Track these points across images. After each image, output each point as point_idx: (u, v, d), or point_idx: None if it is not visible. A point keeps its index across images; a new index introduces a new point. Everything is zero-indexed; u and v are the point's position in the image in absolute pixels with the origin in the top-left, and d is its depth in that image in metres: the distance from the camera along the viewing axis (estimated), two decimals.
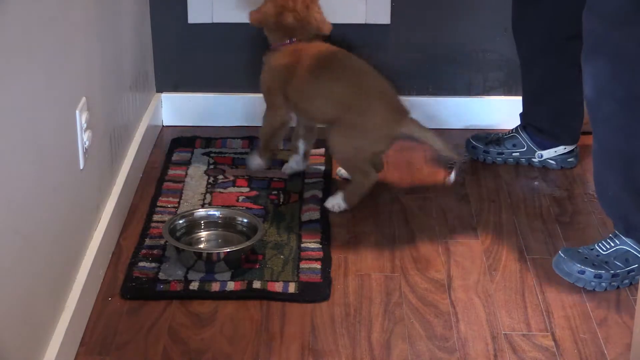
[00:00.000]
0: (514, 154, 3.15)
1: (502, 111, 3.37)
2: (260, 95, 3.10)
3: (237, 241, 2.66)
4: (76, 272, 2.38)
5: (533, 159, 3.14)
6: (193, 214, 2.74)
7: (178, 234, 2.68)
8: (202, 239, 2.72)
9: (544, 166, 3.14)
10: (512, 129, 3.18)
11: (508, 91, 3.38)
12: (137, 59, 3.12)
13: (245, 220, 2.72)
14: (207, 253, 2.59)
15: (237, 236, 2.70)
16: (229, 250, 2.58)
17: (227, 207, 2.84)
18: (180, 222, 2.70)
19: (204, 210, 2.77)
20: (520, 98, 3.27)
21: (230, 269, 2.58)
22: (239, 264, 2.59)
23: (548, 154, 3.13)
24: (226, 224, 2.74)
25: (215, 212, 2.75)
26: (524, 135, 3.14)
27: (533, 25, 3.00)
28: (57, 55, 2.23)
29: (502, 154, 3.16)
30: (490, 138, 3.18)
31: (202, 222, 2.74)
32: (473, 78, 3.38)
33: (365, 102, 2.81)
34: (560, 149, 3.13)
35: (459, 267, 2.64)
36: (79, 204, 2.42)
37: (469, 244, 2.74)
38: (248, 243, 2.60)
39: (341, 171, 3.05)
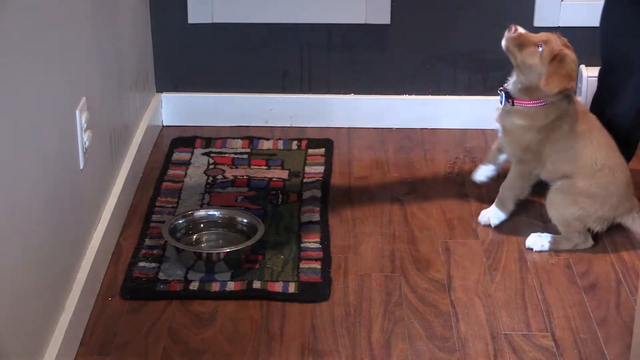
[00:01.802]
0: None
1: None
2: (259, 95, 3.10)
3: (237, 241, 2.66)
4: (76, 272, 2.38)
5: None
6: (193, 214, 2.74)
7: (178, 234, 2.68)
8: (202, 239, 2.72)
9: None
10: None
11: None
12: (137, 59, 3.12)
13: (245, 220, 2.72)
14: (207, 253, 2.58)
15: (237, 236, 2.70)
16: (229, 250, 2.58)
17: (227, 207, 2.84)
18: (180, 222, 2.70)
19: (204, 210, 2.77)
20: None
21: (230, 269, 2.58)
22: (239, 264, 2.59)
23: None
24: (226, 224, 2.74)
25: (215, 212, 2.75)
26: None
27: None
28: (57, 55, 2.23)
29: None
30: None
31: (202, 222, 2.74)
32: (473, 78, 3.38)
33: (616, 166, 2.69)
34: None
35: (459, 267, 2.64)
36: (79, 204, 2.42)
37: (469, 244, 2.74)
38: (248, 243, 2.60)
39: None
